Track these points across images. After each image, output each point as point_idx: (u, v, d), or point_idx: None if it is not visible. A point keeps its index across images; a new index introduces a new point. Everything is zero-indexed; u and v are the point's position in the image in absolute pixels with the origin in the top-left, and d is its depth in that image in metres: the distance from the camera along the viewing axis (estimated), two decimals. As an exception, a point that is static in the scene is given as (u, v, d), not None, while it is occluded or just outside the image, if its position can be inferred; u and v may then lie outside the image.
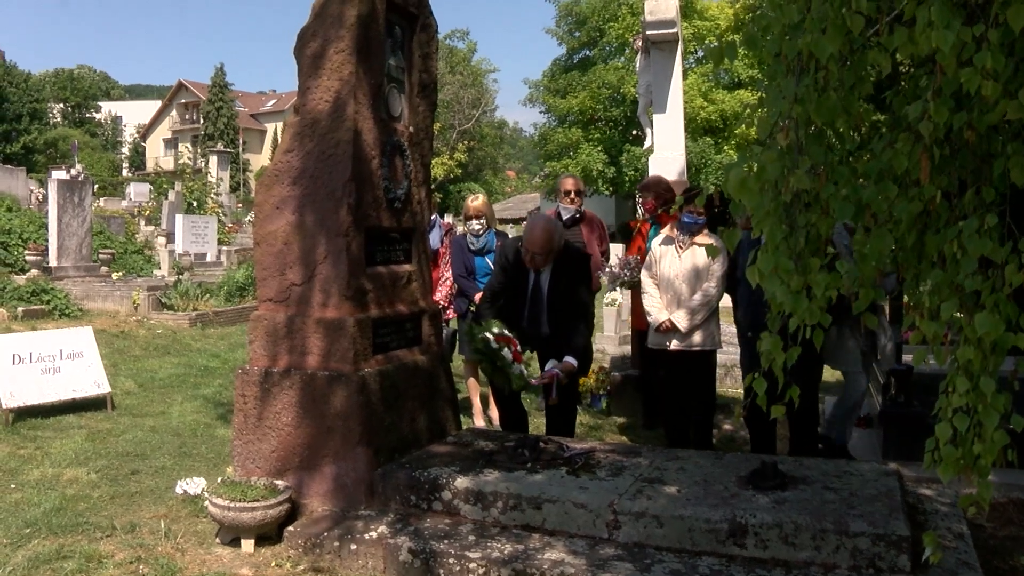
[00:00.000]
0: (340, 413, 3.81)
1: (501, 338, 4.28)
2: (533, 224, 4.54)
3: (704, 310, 5.02)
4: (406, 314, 4.33)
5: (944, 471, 1.88)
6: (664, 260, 5.22)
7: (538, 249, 4.47)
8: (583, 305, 4.69)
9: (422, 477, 3.70)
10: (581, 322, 4.65)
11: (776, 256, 2.12)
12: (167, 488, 4.47)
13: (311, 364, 3.93)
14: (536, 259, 4.50)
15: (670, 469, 3.77)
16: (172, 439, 5.66)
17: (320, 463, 3.84)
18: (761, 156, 2.08)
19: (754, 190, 2.09)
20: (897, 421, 4.85)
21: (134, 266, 15.44)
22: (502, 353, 4.15)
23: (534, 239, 4.47)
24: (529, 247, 4.49)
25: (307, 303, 3.98)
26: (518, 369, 4.16)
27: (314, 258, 3.95)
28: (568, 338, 4.59)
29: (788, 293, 2.12)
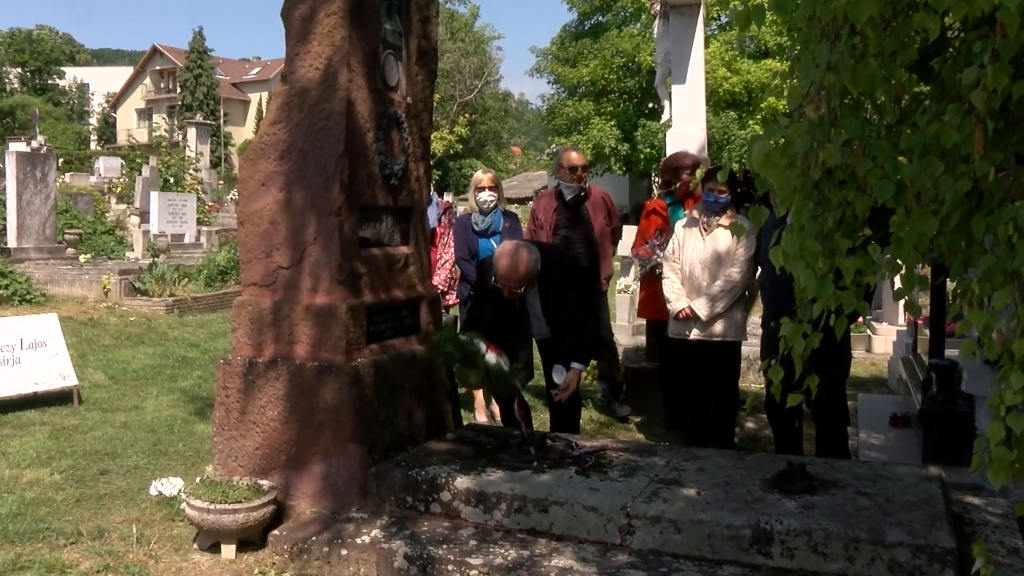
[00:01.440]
0: (331, 407, 3.83)
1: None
2: (501, 255, 4.42)
3: (726, 297, 5.03)
4: (403, 300, 4.34)
5: (995, 476, 1.85)
6: (688, 244, 5.23)
7: (513, 284, 4.39)
8: (582, 307, 4.72)
9: (419, 476, 3.72)
10: (583, 321, 4.66)
11: (802, 237, 2.11)
12: (140, 490, 4.49)
13: (299, 354, 3.95)
14: (515, 292, 4.43)
15: (688, 470, 3.79)
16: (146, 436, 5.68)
17: (308, 461, 3.86)
18: (789, 129, 2.07)
19: (780, 166, 2.09)
20: (938, 421, 4.80)
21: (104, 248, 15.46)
22: (472, 342, 4.07)
23: (506, 274, 4.38)
24: (503, 283, 4.40)
25: (295, 288, 3.99)
26: (493, 359, 4.06)
27: (303, 239, 3.96)
28: (569, 341, 4.61)
29: (813, 277, 2.11)
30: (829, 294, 2.08)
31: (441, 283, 6.25)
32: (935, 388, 4.96)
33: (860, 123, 2.02)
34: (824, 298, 2.09)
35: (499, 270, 4.38)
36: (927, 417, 4.91)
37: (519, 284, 4.40)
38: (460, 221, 6.25)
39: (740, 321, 5.13)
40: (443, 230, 6.44)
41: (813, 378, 2.28)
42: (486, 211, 6.01)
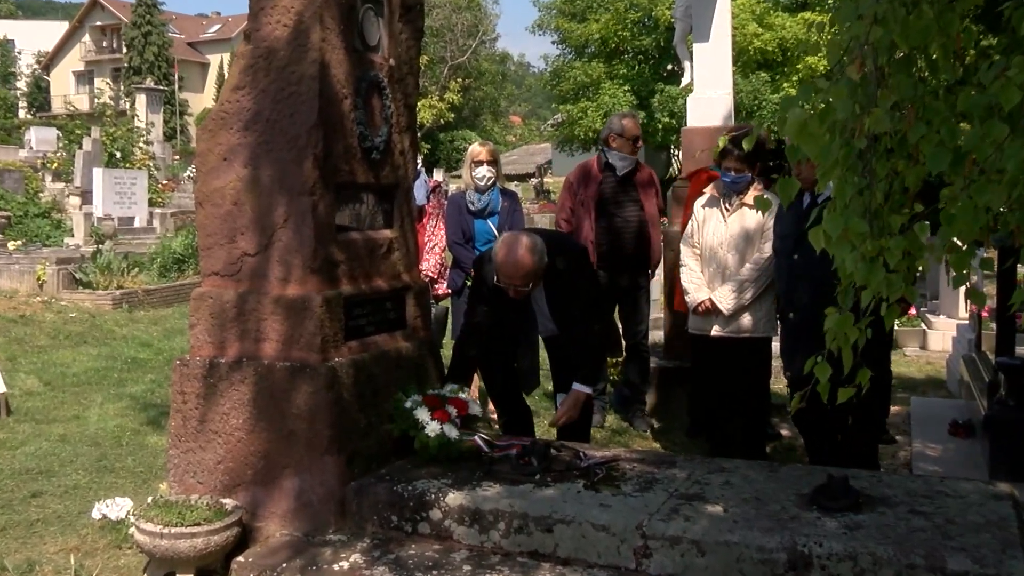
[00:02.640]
0: (304, 413, 3.85)
1: (430, 400, 4.19)
2: (502, 248, 4.41)
3: (754, 285, 5.05)
4: (386, 290, 4.36)
5: None
6: (707, 225, 5.25)
7: (519, 281, 4.39)
8: (593, 305, 4.74)
9: (406, 492, 3.74)
10: (591, 329, 4.68)
11: (847, 215, 2.11)
12: (80, 513, 4.48)
13: (268, 353, 3.96)
14: (519, 291, 4.43)
15: (713, 483, 3.80)
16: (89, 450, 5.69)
17: (279, 476, 3.88)
18: (828, 91, 2.07)
19: (818, 134, 2.09)
20: (1008, 429, 4.73)
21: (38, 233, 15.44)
22: (414, 413, 4.08)
23: (509, 270, 4.37)
24: (507, 280, 4.40)
25: (263, 277, 4.00)
26: (435, 431, 4.05)
27: (272, 222, 3.97)
28: (576, 354, 4.64)
29: (860, 261, 2.11)
30: (880, 279, 2.08)
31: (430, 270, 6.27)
32: (1003, 391, 4.91)
33: (912, 83, 2.01)
34: (874, 284, 2.09)
35: (501, 266, 4.38)
36: (994, 425, 4.84)
37: (525, 281, 4.41)
38: (453, 200, 6.26)
39: (770, 312, 5.15)
40: (432, 211, 6.45)
41: (864, 372, 2.29)
42: (483, 189, 6.01)
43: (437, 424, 4.08)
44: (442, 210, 6.45)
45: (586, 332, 4.66)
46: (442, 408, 4.15)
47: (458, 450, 4.08)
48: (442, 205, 6.51)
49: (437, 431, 4.06)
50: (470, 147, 6.31)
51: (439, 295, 6.47)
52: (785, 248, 4.75)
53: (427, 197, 6.42)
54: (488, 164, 5.99)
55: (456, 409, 4.20)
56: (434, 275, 6.32)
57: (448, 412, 4.14)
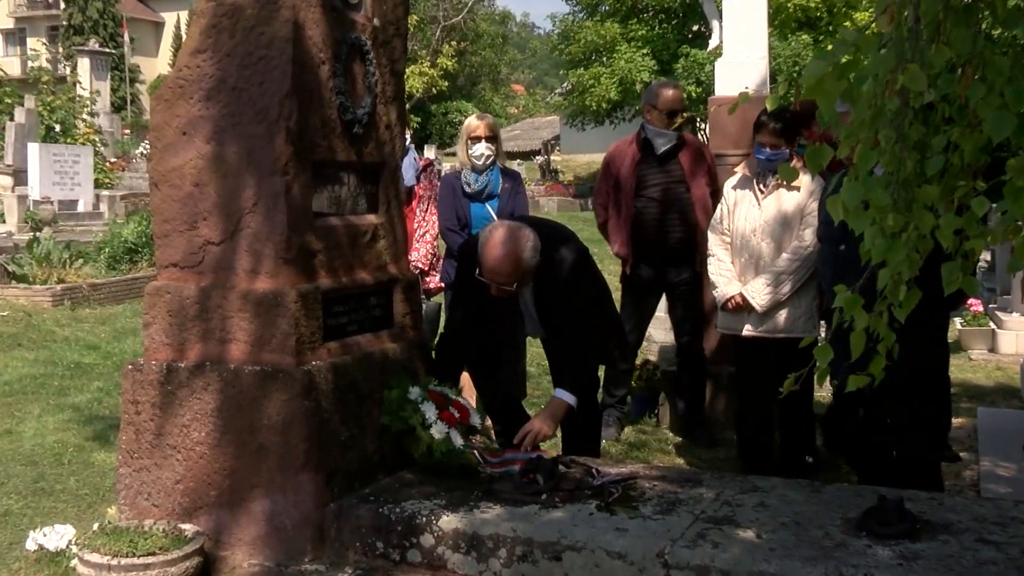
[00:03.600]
0: (277, 425, 3.88)
1: (435, 396, 4.23)
2: (488, 241, 4.38)
3: (793, 278, 5.07)
4: (370, 284, 4.39)
5: None
6: (739, 210, 5.28)
7: (504, 279, 4.38)
8: (593, 310, 4.74)
9: (393, 514, 3.76)
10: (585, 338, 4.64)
11: (868, 185, 2.12)
12: (12, 544, 4.44)
13: (235, 356, 3.99)
14: (503, 290, 4.42)
15: (746, 505, 3.83)
16: (22, 470, 5.68)
17: (247, 497, 3.91)
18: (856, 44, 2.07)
19: (834, 91, 2.09)
20: None
21: (-40, 219, 15.44)
22: (420, 407, 4.11)
23: (494, 266, 4.35)
24: (490, 276, 4.39)
25: (229, 269, 4.03)
26: (441, 432, 4.07)
27: (239, 205, 3.99)
28: (569, 357, 4.61)
29: (880, 236, 2.13)
30: (901, 258, 2.09)
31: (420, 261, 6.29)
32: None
33: (971, 36, 2.00)
34: (894, 262, 2.10)
35: (485, 261, 4.37)
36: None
37: (510, 280, 4.40)
38: (447, 181, 6.27)
39: (810, 309, 5.17)
40: (423, 193, 6.47)
41: (879, 360, 2.29)
42: (481, 168, 6.04)
43: (444, 426, 4.12)
44: (434, 192, 6.46)
45: (581, 334, 4.63)
46: (447, 409, 4.19)
47: (462, 462, 4.12)
48: (434, 187, 6.52)
49: (443, 435, 4.09)
50: (466, 120, 6.32)
51: (431, 289, 6.48)
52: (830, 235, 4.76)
53: (417, 178, 6.43)
54: (487, 140, 6.00)
55: (459, 414, 4.25)
56: (425, 266, 6.34)
57: (453, 415, 4.19)
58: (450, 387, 4.46)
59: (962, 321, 9.96)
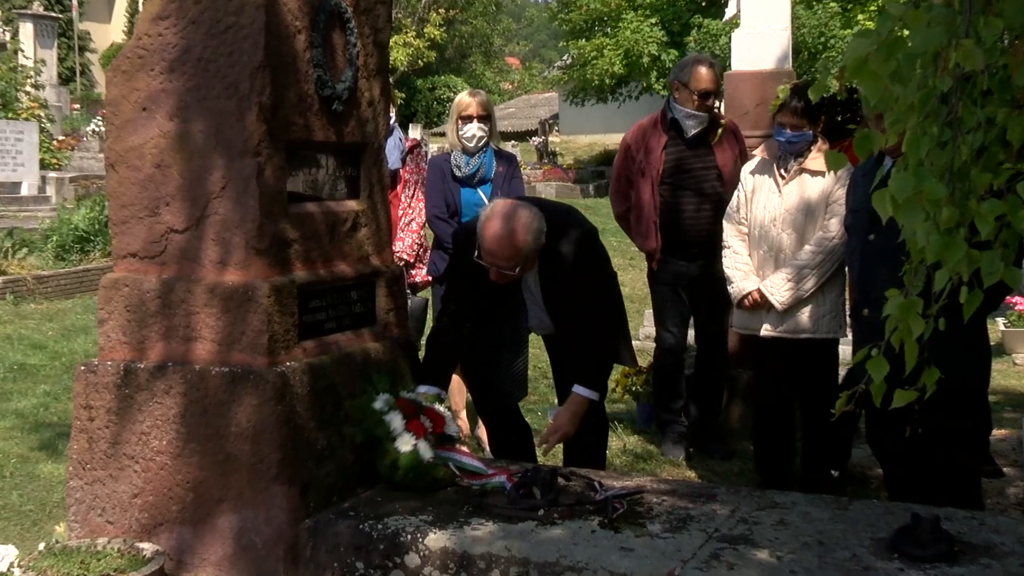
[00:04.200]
0: (247, 432, 3.87)
1: (404, 404, 4.21)
2: (489, 219, 4.39)
3: (817, 272, 5.06)
4: (351, 277, 4.38)
5: None
6: (757, 197, 5.27)
7: (505, 262, 4.39)
8: (605, 299, 4.76)
9: (375, 532, 3.76)
10: (600, 329, 4.69)
11: (919, 176, 2.10)
12: (-56, 568, 4.47)
13: (201, 356, 3.98)
14: (504, 274, 4.44)
15: (764, 523, 3.82)
16: (-43, 485, 5.67)
17: (213, 513, 3.90)
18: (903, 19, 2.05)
19: (881, 72, 2.07)
20: None
21: None
22: (385, 417, 4.10)
23: (494, 247, 4.36)
24: (490, 259, 4.40)
25: (194, 260, 4.01)
26: (408, 445, 4.06)
27: (205, 189, 3.98)
28: (582, 352, 4.64)
29: (935, 232, 2.10)
30: (959, 257, 2.06)
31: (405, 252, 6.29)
32: None
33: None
34: (952, 262, 2.08)
35: (485, 241, 4.39)
36: None
37: (513, 263, 4.41)
38: (435, 164, 6.28)
39: (836, 307, 5.16)
40: (409, 177, 6.47)
41: (932, 372, 2.28)
42: (473, 150, 6.03)
43: (411, 437, 4.10)
44: (421, 177, 6.46)
45: (596, 324, 4.66)
46: (417, 419, 4.18)
47: (431, 477, 4.11)
48: (421, 170, 6.52)
49: (410, 447, 4.07)
50: (456, 97, 6.31)
51: (417, 283, 6.49)
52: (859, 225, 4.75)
53: (402, 160, 6.43)
54: (480, 119, 6.00)
55: (432, 423, 4.23)
56: (410, 258, 6.35)
57: (423, 425, 4.17)
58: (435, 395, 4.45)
59: (1005, 322, 9.94)
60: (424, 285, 6.55)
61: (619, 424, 6.75)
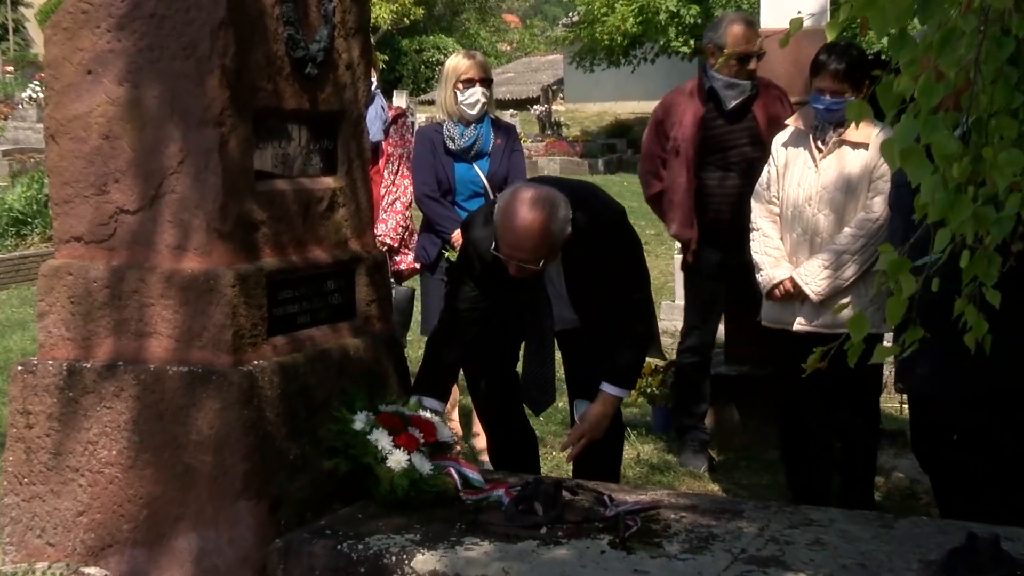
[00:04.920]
0: (208, 441, 3.86)
1: (387, 419, 4.21)
2: (511, 207, 4.34)
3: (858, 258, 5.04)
4: (327, 264, 4.38)
5: None
6: (790, 173, 5.25)
7: (528, 255, 4.35)
8: (636, 294, 4.78)
9: (355, 553, 3.74)
10: (632, 320, 4.73)
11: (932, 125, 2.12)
12: None
13: (156, 354, 3.97)
14: (525, 269, 4.41)
15: (797, 542, 3.81)
16: None
17: (170, 532, 3.89)
18: None
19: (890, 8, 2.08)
20: None
21: None
22: (370, 438, 4.08)
23: (517, 239, 4.31)
24: (512, 253, 4.36)
25: (148, 245, 4.01)
26: (400, 462, 4.06)
27: (160, 164, 3.97)
28: (613, 347, 4.67)
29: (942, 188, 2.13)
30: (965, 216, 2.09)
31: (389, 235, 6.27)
32: None
33: None
34: (957, 220, 2.09)
35: (507, 233, 4.34)
36: None
37: (537, 255, 4.37)
38: (424, 136, 6.26)
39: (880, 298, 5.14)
40: (393, 150, 6.45)
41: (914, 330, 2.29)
42: (475, 118, 6.03)
43: (403, 454, 4.08)
44: (407, 150, 6.45)
45: (627, 317, 4.68)
46: (405, 431, 4.16)
47: (433, 491, 4.10)
48: (407, 143, 6.51)
49: (404, 464, 4.06)
50: (449, 59, 6.28)
51: (402, 271, 6.48)
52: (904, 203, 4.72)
53: (385, 131, 6.42)
54: (481, 83, 5.98)
55: (422, 433, 4.22)
56: (395, 242, 6.33)
57: (414, 437, 4.16)
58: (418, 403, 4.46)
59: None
60: (411, 273, 6.53)
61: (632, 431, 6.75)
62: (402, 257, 6.42)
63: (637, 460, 6.32)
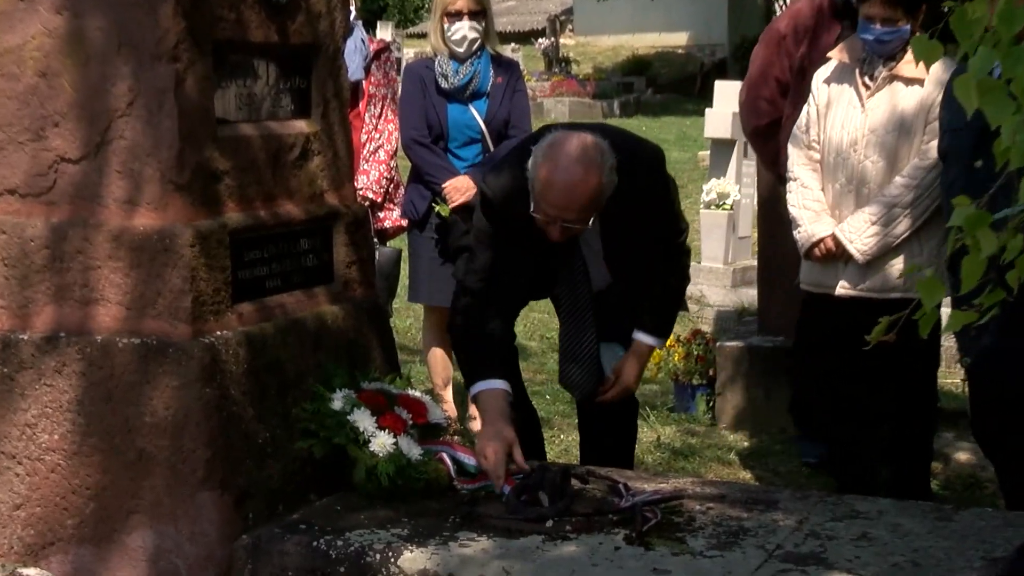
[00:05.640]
0: (165, 423, 3.86)
1: (370, 397, 4.21)
2: (555, 158, 4.33)
3: (912, 211, 5.02)
4: (300, 220, 4.37)
5: None
6: (833, 113, 5.22)
7: (575, 214, 4.36)
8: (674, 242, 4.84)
9: (334, 550, 3.75)
10: (670, 267, 4.82)
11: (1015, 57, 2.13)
12: None
13: (104, 324, 3.96)
14: (570, 230, 4.43)
15: (841, 537, 3.81)
16: None
17: (122, 528, 3.89)
18: None
19: None
20: None
21: None
22: (349, 418, 4.09)
23: (562, 197, 4.30)
24: (555, 212, 4.35)
25: (94, 199, 3.99)
26: (386, 445, 4.05)
27: (107, 106, 3.95)
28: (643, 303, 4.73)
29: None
30: None
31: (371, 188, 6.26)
32: None
33: None
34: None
35: (551, 191, 4.32)
36: None
37: (585, 214, 4.39)
38: (412, 73, 6.26)
39: (939, 257, 5.10)
40: (375, 90, 6.43)
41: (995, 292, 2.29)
42: (464, 55, 6.01)
43: (388, 437, 4.08)
44: (392, 90, 6.43)
45: (666, 266, 4.77)
46: (391, 411, 4.16)
47: (422, 479, 4.10)
48: (392, 81, 6.49)
49: (389, 448, 4.06)
50: None
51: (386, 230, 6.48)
52: (960, 149, 4.71)
53: (366, 68, 6.39)
54: (472, 16, 5.96)
55: (410, 413, 4.22)
56: (378, 196, 6.32)
57: (401, 417, 4.16)
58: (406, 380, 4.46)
59: None
60: (396, 231, 6.53)
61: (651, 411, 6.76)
62: (387, 213, 6.41)
63: (657, 444, 6.34)
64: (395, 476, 4.03)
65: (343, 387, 4.19)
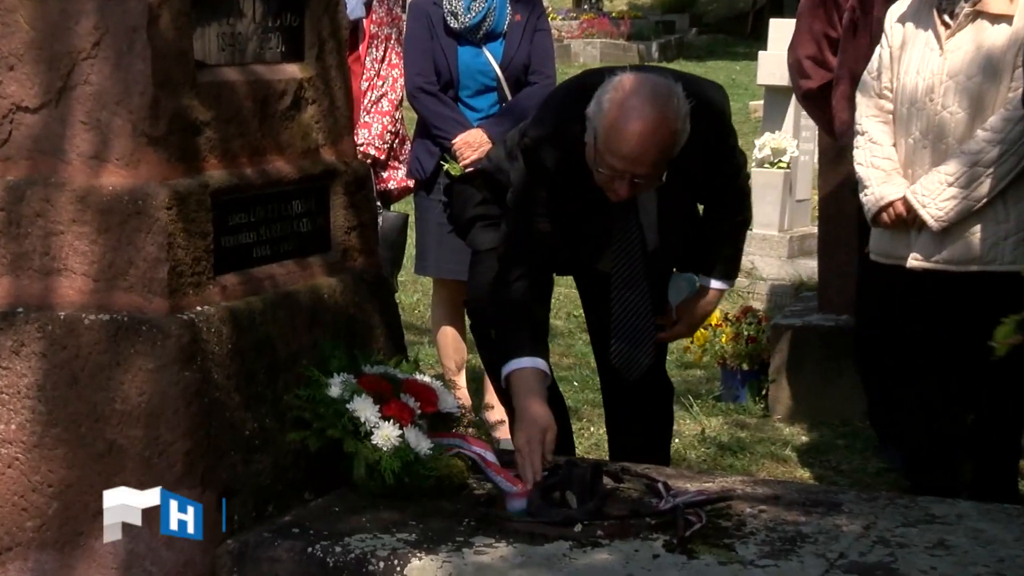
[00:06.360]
0: (138, 411, 3.87)
1: (373, 383, 4.23)
2: (616, 108, 4.30)
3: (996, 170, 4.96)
4: (292, 180, 4.38)
5: None
6: (908, 56, 5.19)
7: (648, 168, 4.34)
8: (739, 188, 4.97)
9: (331, 557, 3.76)
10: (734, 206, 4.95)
11: None
12: None
13: (68, 298, 3.98)
14: (640, 186, 4.43)
15: (914, 545, 3.82)
16: None
17: (89, 530, 3.91)
18: None
19: None
20: None
21: None
22: (348, 407, 4.11)
23: (635, 148, 4.27)
24: (624, 165, 4.32)
25: (55, 154, 4.00)
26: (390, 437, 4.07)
27: (69, 46, 3.96)
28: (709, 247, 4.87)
29: None
30: None
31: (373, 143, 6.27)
32: None
33: None
34: None
35: (623, 141, 4.29)
36: None
37: (660, 169, 4.39)
38: (418, 11, 6.27)
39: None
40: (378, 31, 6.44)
41: None
42: None
43: (393, 428, 4.10)
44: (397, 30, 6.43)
45: (727, 204, 4.91)
46: (396, 399, 4.18)
47: (432, 476, 4.12)
48: (397, 20, 6.49)
49: (394, 441, 4.08)
50: None
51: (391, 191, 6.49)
52: None
53: (367, 4, 6.39)
54: None
55: (418, 402, 4.25)
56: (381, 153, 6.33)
57: (408, 406, 4.18)
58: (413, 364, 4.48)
59: None
60: (402, 193, 6.55)
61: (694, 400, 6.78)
62: (391, 172, 6.43)
63: (701, 438, 6.36)
64: (401, 473, 4.05)
65: (342, 371, 4.20)
